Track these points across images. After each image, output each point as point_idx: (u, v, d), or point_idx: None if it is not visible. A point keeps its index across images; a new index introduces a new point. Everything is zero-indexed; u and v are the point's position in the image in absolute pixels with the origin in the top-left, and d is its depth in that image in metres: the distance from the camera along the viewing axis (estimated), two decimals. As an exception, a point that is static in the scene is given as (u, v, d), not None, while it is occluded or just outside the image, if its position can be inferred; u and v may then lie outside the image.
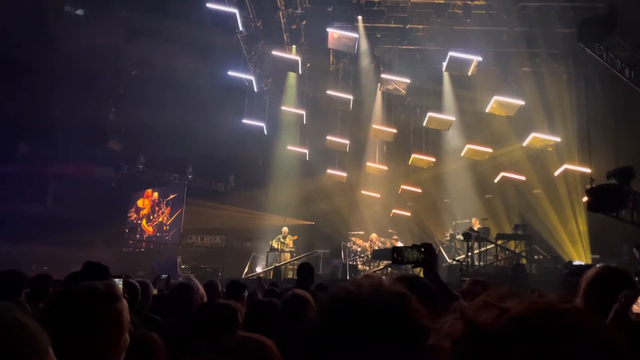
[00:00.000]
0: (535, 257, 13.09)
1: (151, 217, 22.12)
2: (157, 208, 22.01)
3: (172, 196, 21.53)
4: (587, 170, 12.62)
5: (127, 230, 22.04)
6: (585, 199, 11.00)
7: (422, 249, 2.11)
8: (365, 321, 0.88)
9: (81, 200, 19.47)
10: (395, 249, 2.17)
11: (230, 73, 15.31)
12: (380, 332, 0.86)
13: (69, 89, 16.70)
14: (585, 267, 9.35)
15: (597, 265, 2.48)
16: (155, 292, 5.17)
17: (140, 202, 22.61)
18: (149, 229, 22.10)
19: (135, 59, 17.25)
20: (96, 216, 19.37)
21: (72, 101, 16.73)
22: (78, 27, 15.18)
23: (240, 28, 13.97)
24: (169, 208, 21.52)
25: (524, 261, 12.25)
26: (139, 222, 22.37)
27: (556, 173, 14.46)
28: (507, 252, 12.93)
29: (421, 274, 2.33)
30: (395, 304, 0.91)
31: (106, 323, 1.44)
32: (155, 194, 22.13)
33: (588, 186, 10.47)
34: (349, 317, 0.89)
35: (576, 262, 11.37)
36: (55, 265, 15.46)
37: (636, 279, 2.34)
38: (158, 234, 21.79)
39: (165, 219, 21.56)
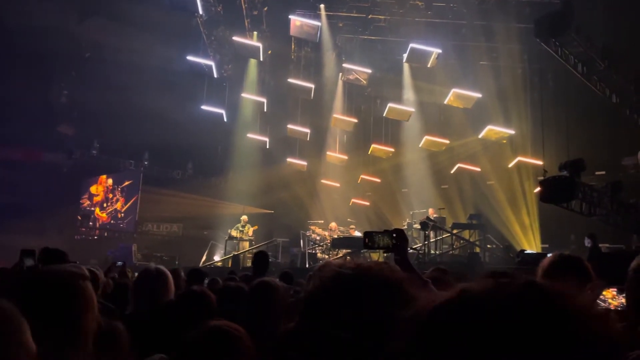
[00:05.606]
0: (489, 246, 13.46)
1: (105, 205, 21.51)
2: (111, 195, 21.41)
3: (127, 183, 20.98)
4: (540, 162, 13.03)
5: (79, 218, 21.39)
6: (537, 189, 11.30)
7: (394, 235, 2.10)
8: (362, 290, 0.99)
9: (30, 186, 18.74)
10: (366, 234, 2.15)
11: (189, 58, 14.97)
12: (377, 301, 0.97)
13: (18, 69, 15.96)
14: (536, 256, 9.68)
15: (551, 254, 2.55)
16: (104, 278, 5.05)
17: (93, 189, 21.95)
18: (102, 216, 21.50)
19: (89, 41, 16.61)
20: (46, 203, 18.68)
21: (21, 83, 16.00)
22: (29, 6, 14.48)
23: (200, 12, 13.66)
24: (124, 195, 20.97)
25: (478, 250, 12.60)
26: (92, 209, 21.72)
27: (510, 165, 14.87)
28: (462, 241, 13.25)
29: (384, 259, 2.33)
30: (385, 275, 1.03)
31: (84, 300, 1.46)
32: (110, 181, 21.51)
33: (541, 177, 10.75)
34: (349, 287, 1.00)
35: (527, 251, 11.73)
36: (1, 253, 14.84)
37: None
38: (112, 222, 21.23)
39: (120, 206, 21.01)
